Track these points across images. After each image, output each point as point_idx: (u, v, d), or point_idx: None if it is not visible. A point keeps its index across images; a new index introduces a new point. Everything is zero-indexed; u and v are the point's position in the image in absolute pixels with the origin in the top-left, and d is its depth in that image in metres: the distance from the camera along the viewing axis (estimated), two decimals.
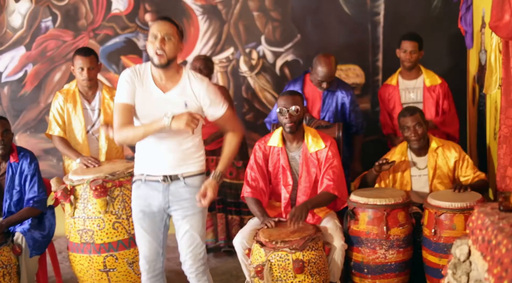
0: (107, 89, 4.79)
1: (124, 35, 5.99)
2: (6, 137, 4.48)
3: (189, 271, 3.69)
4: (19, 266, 4.34)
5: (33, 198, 4.49)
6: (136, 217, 3.63)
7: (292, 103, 4.23)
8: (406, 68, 5.07)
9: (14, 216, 4.43)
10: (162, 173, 3.55)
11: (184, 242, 3.63)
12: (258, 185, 4.37)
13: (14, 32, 6.07)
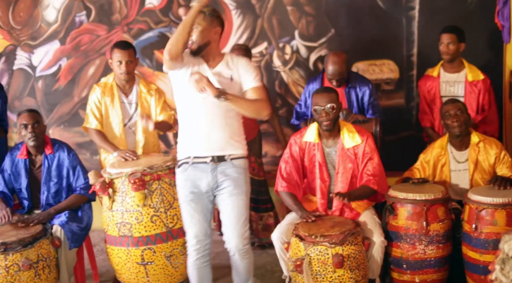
0: (144, 83, 4.80)
1: (158, 30, 5.99)
2: (37, 128, 4.52)
3: (234, 249, 3.84)
4: (58, 259, 4.37)
5: (80, 186, 4.54)
6: (185, 199, 3.82)
7: (327, 101, 4.21)
8: (446, 61, 5.02)
9: (62, 203, 4.49)
10: (210, 154, 3.77)
11: (230, 220, 3.79)
12: (293, 179, 4.35)
13: (49, 27, 6.10)
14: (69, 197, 4.57)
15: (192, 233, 3.82)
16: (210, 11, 3.77)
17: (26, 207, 4.65)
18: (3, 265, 4.15)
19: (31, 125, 4.51)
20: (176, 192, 4.24)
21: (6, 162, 4.65)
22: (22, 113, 4.58)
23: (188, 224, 3.84)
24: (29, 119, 4.52)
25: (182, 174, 3.83)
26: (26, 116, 4.53)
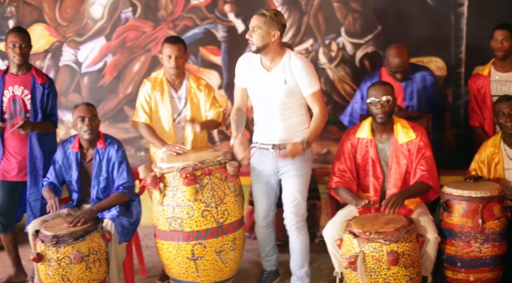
0: (193, 78, 4.79)
1: (203, 26, 5.99)
2: (93, 122, 4.54)
3: (290, 224, 4.43)
4: (108, 253, 4.38)
5: (122, 184, 4.53)
6: (256, 177, 4.48)
7: (383, 93, 4.20)
8: (498, 58, 4.94)
9: (104, 201, 4.48)
10: (272, 142, 4.32)
11: (288, 198, 4.39)
12: (345, 175, 4.34)
13: (95, 23, 6.13)
14: (110, 196, 4.53)
15: (259, 208, 4.53)
16: (272, 15, 4.18)
17: (76, 200, 4.66)
18: (55, 257, 4.17)
19: (88, 118, 4.52)
20: (226, 187, 4.28)
21: (57, 154, 4.67)
22: (80, 105, 4.59)
23: (257, 200, 4.54)
24: (87, 112, 4.53)
25: (253, 157, 4.42)
26: (84, 109, 4.54)
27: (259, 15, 4.18)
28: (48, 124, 4.80)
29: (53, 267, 4.19)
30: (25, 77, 4.77)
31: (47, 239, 4.20)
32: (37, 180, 4.75)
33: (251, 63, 4.36)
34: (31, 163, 4.74)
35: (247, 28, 5.76)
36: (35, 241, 4.31)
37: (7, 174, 4.79)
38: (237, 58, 5.80)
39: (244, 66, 4.39)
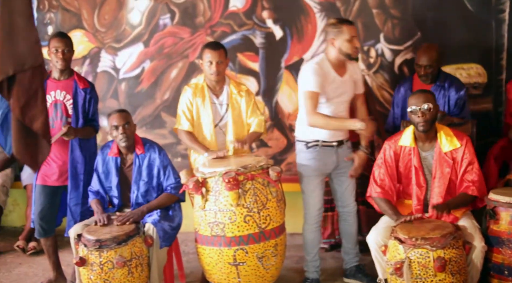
0: (234, 84, 4.78)
1: (241, 32, 5.99)
2: (128, 129, 4.55)
3: (351, 211, 4.80)
4: (149, 257, 4.37)
5: (170, 185, 4.56)
6: (311, 174, 4.62)
7: (423, 101, 4.17)
8: None
9: (154, 202, 4.51)
10: (336, 139, 4.58)
11: (348, 191, 4.75)
12: (386, 184, 4.31)
13: (133, 29, 6.17)
14: (160, 196, 4.59)
15: (313, 203, 4.67)
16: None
17: (116, 205, 4.68)
18: (98, 262, 4.18)
19: (122, 126, 4.54)
20: (268, 192, 4.26)
21: (98, 161, 4.69)
22: (112, 113, 4.62)
23: (310, 195, 4.66)
24: (120, 120, 4.55)
25: (310, 153, 4.59)
26: (117, 117, 4.56)
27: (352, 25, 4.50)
28: (90, 130, 4.82)
29: (95, 271, 4.20)
30: (67, 82, 4.79)
31: (90, 243, 4.21)
32: (77, 184, 4.77)
33: (326, 71, 4.48)
34: (72, 168, 4.75)
35: (285, 34, 5.79)
36: (77, 245, 4.32)
37: (48, 178, 4.81)
38: (275, 64, 5.89)
39: (320, 73, 4.44)
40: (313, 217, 4.69)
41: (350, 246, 4.84)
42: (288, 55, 5.94)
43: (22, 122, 3.12)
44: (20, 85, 3.08)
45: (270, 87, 5.97)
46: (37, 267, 5.46)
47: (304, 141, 4.63)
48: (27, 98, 3.10)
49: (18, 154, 3.19)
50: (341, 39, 4.39)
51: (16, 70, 3.05)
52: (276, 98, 6.00)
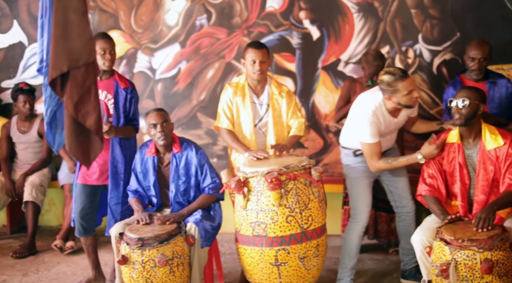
0: (275, 84, 4.77)
1: (278, 33, 5.98)
2: (166, 128, 4.55)
3: (410, 210, 4.76)
4: (191, 257, 4.37)
5: (208, 186, 4.55)
6: (360, 175, 4.60)
7: (462, 96, 4.18)
8: None
9: (194, 204, 4.52)
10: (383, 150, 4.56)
11: (403, 190, 4.72)
12: (436, 182, 4.27)
13: (169, 30, 6.19)
14: (199, 197, 4.58)
15: (365, 204, 4.63)
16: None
17: (156, 204, 4.68)
18: (140, 260, 4.18)
19: (160, 124, 4.54)
20: (311, 192, 4.24)
21: (136, 160, 4.70)
22: (150, 112, 4.62)
23: (362, 197, 4.63)
24: (158, 119, 4.56)
25: (359, 158, 4.56)
26: (155, 116, 4.57)
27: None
28: (130, 129, 4.83)
29: (137, 269, 4.20)
30: (109, 82, 4.80)
31: (132, 241, 4.22)
32: (118, 184, 4.78)
33: (381, 118, 4.41)
34: (113, 167, 4.77)
35: (322, 35, 5.78)
36: (119, 243, 4.33)
37: (88, 178, 4.83)
38: (312, 65, 5.88)
39: (377, 123, 4.39)
40: (362, 219, 4.63)
41: (409, 247, 4.68)
42: (325, 55, 5.93)
43: (75, 119, 3.14)
44: (74, 82, 3.10)
45: (307, 88, 5.96)
46: (75, 266, 5.48)
47: (352, 149, 4.62)
48: (80, 95, 3.12)
49: (71, 150, 3.21)
50: (398, 96, 4.29)
51: (70, 67, 3.07)
52: (313, 99, 5.98)
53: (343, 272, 4.68)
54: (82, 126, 3.16)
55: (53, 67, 3.09)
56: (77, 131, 3.18)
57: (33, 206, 5.95)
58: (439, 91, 5.64)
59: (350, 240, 4.65)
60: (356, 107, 4.49)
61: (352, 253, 4.65)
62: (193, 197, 4.62)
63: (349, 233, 4.65)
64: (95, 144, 3.27)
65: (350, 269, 4.65)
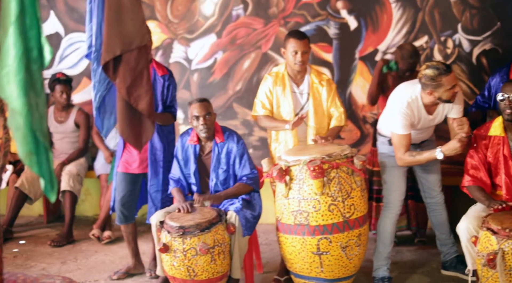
0: (315, 73, 4.74)
1: (315, 23, 5.95)
2: (208, 120, 4.54)
3: (439, 201, 4.75)
4: (231, 245, 4.37)
5: (246, 175, 4.53)
6: (395, 164, 4.49)
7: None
8: None
9: (230, 190, 4.52)
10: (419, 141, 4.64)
11: (434, 181, 4.73)
12: (479, 173, 4.23)
13: (206, 20, 6.18)
14: (235, 185, 4.57)
15: (399, 193, 4.58)
16: None
17: (195, 192, 4.68)
18: (181, 248, 4.18)
19: (203, 117, 4.52)
20: (353, 181, 4.22)
21: (177, 148, 4.70)
22: (193, 103, 4.60)
23: (396, 185, 4.57)
24: (201, 111, 4.54)
25: (390, 147, 4.51)
26: (198, 107, 4.54)
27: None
28: (168, 116, 4.81)
29: (179, 258, 4.20)
30: None
31: (174, 230, 4.22)
32: (157, 171, 4.79)
33: (416, 112, 4.35)
34: (152, 155, 4.77)
35: (360, 25, 5.74)
36: (159, 232, 4.33)
37: (129, 166, 4.84)
38: (349, 55, 5.83)
39: (410, 116, 4.32)
40: (395, 207, 4.59)
41: (444, 237, 4.73)
42: (362, 46, 5.89)
43: (127, 102, 3.13)
44: (127, 65, 3.10)
45: (344, 78, 5.92)
46: (113, 255, 5.51)
47: (387, 137, 4.58)
48: (133, 78, 3.11)
49: (123, 134, 3.21)
50: (441, 90, 4.19)
51: (124, 50, 3.07)
52: (350, 90, 5.95)
53: (379, 261, 4.63)
54: (134, 110, 3.16)
55: (106, 50, 3.09)
56: (129, 115, 3.17)
57: (70, 195, 5.98)
58: (478, 82, 5.59)
59: (383, 228, 4.61)
60: (393, 96, 4.45)
61: (386, 241, 4.60)
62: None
63: (382, 220, 4.62)
64: (147, 128, 3.27)
65: (386, 258, 4.59)
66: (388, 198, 4.60)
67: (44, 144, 2.31)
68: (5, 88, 2.26)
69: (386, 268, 4.62)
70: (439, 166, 4.70)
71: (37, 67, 2.31)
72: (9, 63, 2.26)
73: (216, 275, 4.28)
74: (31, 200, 6.15)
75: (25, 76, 2.26)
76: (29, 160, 2.33)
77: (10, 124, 2.32)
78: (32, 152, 2.32)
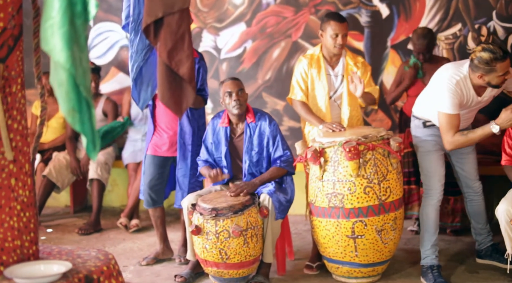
0: (350, 55, 4.67)
1: (346, 11, 5.88)
2: (241, 96, 4.48)
3: (477, 191, 4.55)
4: (264, 229, 4.29)
5: (279, 158, 4.46)
6: (431, 149, 4.35)
7: None
8: None
9: (265, 174, 4.44)
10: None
11: (472, 172, 4.53)
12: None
13: (235, 9, 6.13)
14: (270, 169, 4.50)
15: (438, 178, 4.35)
16: None
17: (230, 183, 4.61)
18: (213, 231, 4.12)
19: (236, 93, 4.47)
20: (389, 163, 4.14)
21: (208, 131, 4.64)
22: (225, 81, 4.55)
23: (434, 170, 4.35)
24: (234, 87, 4.48)
25: (428, 130, 4.37)
26: (230, 84, 4.50)
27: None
28: (199, 99, 4.73)
29: (211, 240, 4.14)
30: None
31: (206, 212, 4.15)
32: (185, 155, 4.72)
33: (465, 92, 4.13)
34: (181, 138, 4.71)
35: (392, 12, 5.66)
36: (191, 215, 4.27)
37: (158, 149, 4.79)
38: (381, 43, 5.76)
39: (459, 95, 4.10)
40: (436, 193, 4.36)
41: (481, 226, 4.57)
42: (394, 34, 5.81)
43: (168, 66, 3.08)
44: (168, 29, 3.04)
45: (375, 67, 5.83)
46: (141, 243, 5.46)
47: (422, 119, 4.39)
48: (174, 42, 3.05)
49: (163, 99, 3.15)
50: (492, 76, 3.99)
51: (165, 12, 3.01)
52: (381, 78, 5.86)
53: (426, 250, 4.40)
54: (175, 74, 3.09)
55: (147, 13, 3.04)
56: (169, 79, 3.11)
57: (98, 183, 5.95)
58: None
59: (427, 216, 4.40)
60: (438, 75, 4.31)
61: (431, 229, 4.38)
62: (266, 169, 4.54)
63: (425, 208, 4.40)
64: (188, 94, 3.20)
65: (432, 246, 4.37)
66: (428, 184, 4.40)
67: (88, 100, 2.26)
68: (49, 40, 2.22)
69: (435, 256, 4.38)
70: (474, 154, 4.56)
71: (81, 22, 2.27)
72: (53, 15, 2.22)
73: (248, 259, 4.21)
74: (58, 189, 6.13)
75: (69, 29, 2.21)
76: (71, 117, 2.28)
77: (53, 81, 2.27)
78: (75, 109, 2.27)
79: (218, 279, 4.30)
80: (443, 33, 5.65)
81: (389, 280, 4.39)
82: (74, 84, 2.24)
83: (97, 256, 2.83)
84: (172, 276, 4.53)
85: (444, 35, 5.65)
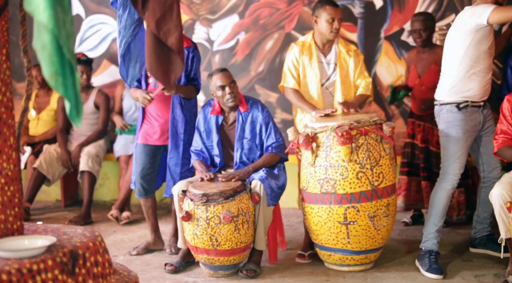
0: (343, 43, 4.63)
1: (340, 2, 5.79)
2: (234, 88, 4.43)
3: (495, 177, 4.42)
4: (255, 215, 4.24)
5: (271, 145, 4.41)
6: (462, 135, 4.28)
7: None
8: None
9: (259, 161, 4.39)
10: (483, 98, 4.34)
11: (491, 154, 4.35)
12: (507, 137, 4.11)
13: (228, 1, 6.10)
14: (263, 156, 4.45)
15: (460, 165, 4.31)
16: None
17: (218, 164, 4.56)
18: (204, 216, 4.07)
19: (228, 86, 4.41)
20: (382, 149, 4.10)
21: (199, 119, 4.59)
22: (214, 73, 4.48)
23: (458, 156, 4.29)
24: (225, 80, 4.43)
25: (460, 114, 4.28)
26: (222, 77, 4.43)
27: None
28: (191, 88, 4.69)
29: (201, 226, 4.08)
30: None
31: (197, 197, 4.10)
32: (177, 144, 4.67)
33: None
34: (173, 127, 4.65)
35: (385, 3, 5.63)
36: (182, 202, 4.21)
37: (149, 137, 4.73)
38: (374, 34, 5.72)
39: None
40: (451, 180, 4.30)
41: (486, 215, 4.51)
42: (388, 25, 5.78)
43: (156, 36, 3.03)
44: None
45: (369, 58, 5.79)
46: (132, 235, 5.39)
47: (455, 103, 4.29)
48: (162, 12, 3.00)
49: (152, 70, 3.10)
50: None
51: None
52: (375, 70, 5.83)
53: (429, 233, 4.33)
54: (163, 45, 3.04)
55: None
56: (157, 50, 3.06)
57: (89, 175, 5.88)
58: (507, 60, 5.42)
59: (438, 200, 4.32)
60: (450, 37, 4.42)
61: (439, 213, 4.30)
62: (258, 157, 4.50)
63: (438, 192, 4.33)
64: (176, 65, 3.15)
65: (437, 231, 4.30)
66: (447, 169, 4.32)
67: (71, 64, 2.21)
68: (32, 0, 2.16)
69: (436, 241, 4.31)
70: None
71: None
72: None
73: (239, 245, 4.15)
74: (49, 182, 6.07)
75: None
76: (54, 81, 2.22)
77: (36, 44, 2.22)
78: (58, 72, 2.21)
79: (209, 266, 4.24)
80: (437, 24, 5.58)
81: (381, 268, 4.34)
82: (57, 47, 2.18)
83: (83, 233, 2.77)
84: (163, 265, 4.46)
85: (438, 26, 5.60)
